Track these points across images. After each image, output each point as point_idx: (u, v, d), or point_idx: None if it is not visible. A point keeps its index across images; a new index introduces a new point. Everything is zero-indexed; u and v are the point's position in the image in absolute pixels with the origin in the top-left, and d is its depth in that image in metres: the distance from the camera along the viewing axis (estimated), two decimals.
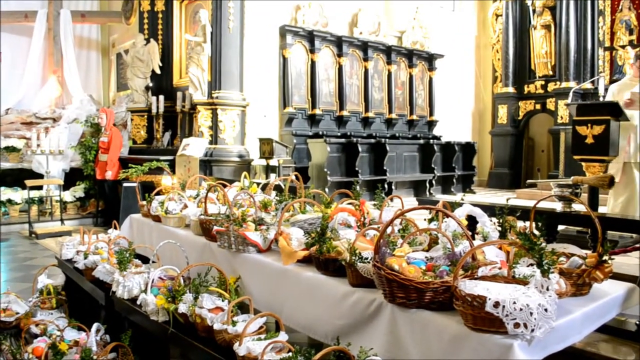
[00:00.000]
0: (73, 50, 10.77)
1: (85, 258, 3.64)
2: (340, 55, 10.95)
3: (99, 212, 9.13)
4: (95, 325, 3.15)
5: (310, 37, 10.39)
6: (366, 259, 2.13)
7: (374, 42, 11.57)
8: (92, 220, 9.08)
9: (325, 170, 9.45)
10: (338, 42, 10.90)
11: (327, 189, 8.74)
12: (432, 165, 11.53)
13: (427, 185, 11.49)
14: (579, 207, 3.96)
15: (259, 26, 9.38)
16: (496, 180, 13.44)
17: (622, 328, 3.49)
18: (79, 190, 9.33)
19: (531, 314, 1.61)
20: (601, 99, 10.39)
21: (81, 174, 9.35)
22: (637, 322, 3.51)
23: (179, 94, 8.99)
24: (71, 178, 9.37)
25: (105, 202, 8.98)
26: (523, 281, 1.83)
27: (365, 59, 11.44)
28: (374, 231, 2.55)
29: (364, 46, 11.39)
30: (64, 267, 4.24)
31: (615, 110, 5.46)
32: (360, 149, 10.04)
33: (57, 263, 4.43)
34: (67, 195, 9.20)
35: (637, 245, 4.18)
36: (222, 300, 2.60)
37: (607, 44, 12.03)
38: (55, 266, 4.51)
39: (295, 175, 3.72)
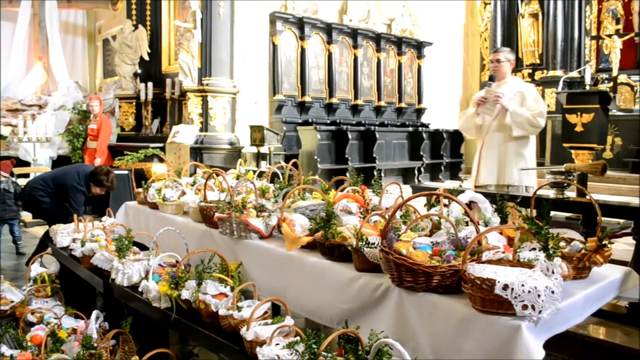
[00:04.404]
0: (59, 36, 10.63)
1: (83, 246, 3.63)
2: (330, 42, 10.92)
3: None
4: (94, 313, 3.14)
5: (300, 24, 10.34)
6: (372, 244, 2.16)
7: (364, 30, 11.56)
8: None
9: (316, 157, 9.47)
10: (328, 30, 10.87)
11: (317, 177, 8.75)
12: (421, 153, 11.60)
13: (416, 172, 11.56)
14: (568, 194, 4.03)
15: (249, 13, 9.31)
16: None
17: (612, 311, 3.58)
18: None
19: (539, 296, 1.65)
20: (587, 87, 10.55)
21: (69, 161, 9.24)
22: (627, 305, 3.61)
23: (168, 81, 8.92)
24: (59, 166, 9.18)
25: None
26: (528, 265, 1.87)
27: (355, 47, 11.43)
28: (376, 217, 2.58)
29: (354, 34, 11.38)
30: (58, 255, 4.22)
31: (605, 99, 5.54)
32: (350, 136, 10.07)
33: (51, 251, 4.41)
34: None
35: (626, 231, 4.27)
36: (225, 287, 2.61)
37: (594, 33, 12.12)
38: (49, 254, 4.49)
39: (294, 163, 3.74)
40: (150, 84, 9.01)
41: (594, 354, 3.37)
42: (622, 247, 4.43)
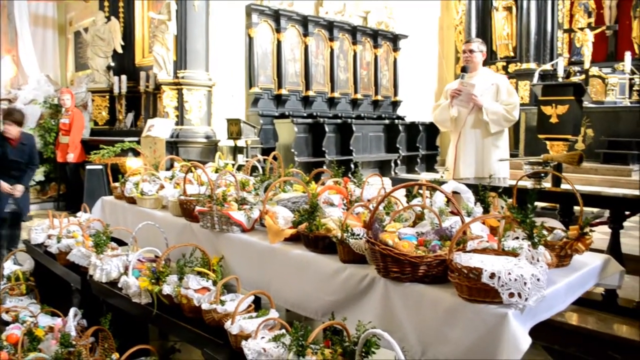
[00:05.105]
0: (28, 29, 10.35)
1: (59, 242, 3.55)
2: (306, 35, 10.86)
3: (60, 196, 8.89)
4: (72, 310, 3.08)
5: (276, 16, 10.26)
6: (357, 235, 2.16)
7: (340, 22, 11.53)
8: (54, 205, 8.84)
9: (293, 150, 9.43)
10: (304, 22, 10.81)
11: (297, 169, 8.73)
12: (397, 145, 11.65)
13: (392, 165, 11.61)
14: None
15: (224, 4, 9.19)
16: None
17: (588, 298, 3.65)
18: (38, 174, 9.01)
19: (525, 283, 1.66)
20: (560, 80, 10.71)
21: (41, 156, 9.03)
22: (603, 293, 3.68)
23: (143, 74, 8.77)
24: None
25: (66, 186, 8.74)
26: (513, 253, 1.89)
27: (331, 39, 11.40)
28: (360, 208, 2.57)
29: (330, 26, 11.34)
30: (33, 252, 4.12)
31: (579, 91, 5.62)
32: (326, 129, 10.05)
33: (26, 248, 4.30)
34: None
35: (600, 220, 4.35)
36: (207, 281, 2.58)
37: (566, 26, 12.32)
38: (23, 252, 4.39)
39: (274, 156, 3.71)
40: (124, 77, 8.84)
41: (572, 340, 3.43)
42: (597, 235, 4.51)
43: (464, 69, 4.67)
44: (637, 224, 5.86)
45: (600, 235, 4.08)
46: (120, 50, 8.96)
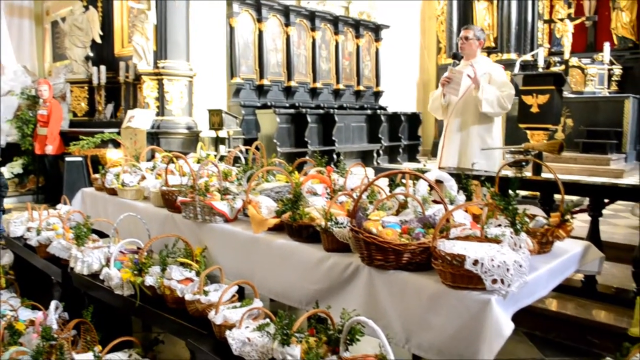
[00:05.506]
0: (4, 19, 10.11)
1: (39, 234, 3.50)
2: (287, 25, 10.79)
3: (40, 188, 8.75)
4: (53, 303, 3.04)
5: (257, 5, 10.17)
6: (341, 224, 2.15)
7: (321, 12, 11.47)
8: (33, 197, 8.70)
9: (275, 141, 9.39)
10: (285, 12, 10.73)
11: (280, 159, 8.71)
12: (380, 136, 11.66)
13: (375, 155, 11.63)
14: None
15: None
16: None
17: (568, 285, 3.71)
18: (16, 166, 8.88)
19: (508, 270, 1.68)
20: (540, 70, 10.80)
21: (19, 149, 8.90)
22: (583, 279, 3.74)
23: (122, 64, 8.63)
24: (8, 153, 8.88)
25: (45, 179, 8.61)
26: (496, 240, 1.90)
27: (313, 29, 11.34)
28: (343, 197, 2.57)
29: (312, 16, 11.27)
30: (12, 245, 4.06)
31: (559, 81, 5.68)
32: (309, 119, 10.02)
33: (4, 242, 4.24)
34: (4, 172, 8.73)
35: (580, 208, 4.42)
36: (190, 272, 2.57)
37: (547, 17, 12.42)
38: (2, 245, 4.32)
39: (257, 146, 3.69)
40: (103, 68, 8.69)
41: (552, 326, 3.49)
42: (577, 223, 4.58)
43: (455, 56, 4.63)
44: (615, 212, 5.97)
45: (580, 223, 4.14)
46: (99, 40, 8.80)
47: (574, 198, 5.06)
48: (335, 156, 10.21)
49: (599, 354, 3.10)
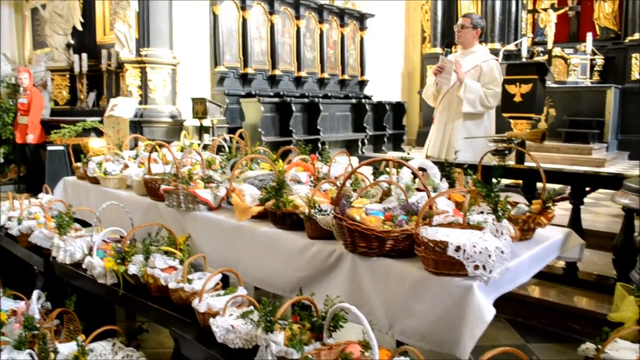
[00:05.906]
0: None
1: (20, 224, 3.46)
2: (272, 13, 10.71)
3: (21, 178, 8.64)
4: (36, 293, 3.00)
5: None
6: (325, 211, 2.16)
7: (306, 0, 11.40)
8: (14, 187, 8.57)
9: (259, 130, 9.35)
10: (269, 0, 10.67)
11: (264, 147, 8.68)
12: (364, 125, 11.68)
13: (360, 144, 11.65)
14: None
15: None
16: (424, 138, 13.76)
17: (550, 272, 3.76)
18: None
19: (489, 256, 1.69)
20: (524, 59, 10.85)
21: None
22: (564, 267, 3.80)
23: (104, 52, 8.52)
24: None
25: (26, 168, 8.50)
26: (478, 227, 1.92)
27: (297, 17, 11.27)
28: (327, 185, 2.57)
29: (296, 4, 11.20)
30: None
31: (542, 70, 5.71)
32: (293, 108, 9.98)
33: None
34: None
35: (562, 196, 4.47)
36: (174, 260, 2.56)
37: (530, 6, 12.48)
38: None
39: (240, 134, 3.67)
40: (84, 56, 8.58)
41: (534, 312, 3.54)
42: (558, 211, 4.64)
43: (448, 45, 4.59)
44: (597, 200, 6.05)
45: (562, 211, 4.20)
46: (80, 28, 8.68)
47: (556, 186, 5.12)
48: (320, 145, 10.21)
49: (580, 340, 3.16)
